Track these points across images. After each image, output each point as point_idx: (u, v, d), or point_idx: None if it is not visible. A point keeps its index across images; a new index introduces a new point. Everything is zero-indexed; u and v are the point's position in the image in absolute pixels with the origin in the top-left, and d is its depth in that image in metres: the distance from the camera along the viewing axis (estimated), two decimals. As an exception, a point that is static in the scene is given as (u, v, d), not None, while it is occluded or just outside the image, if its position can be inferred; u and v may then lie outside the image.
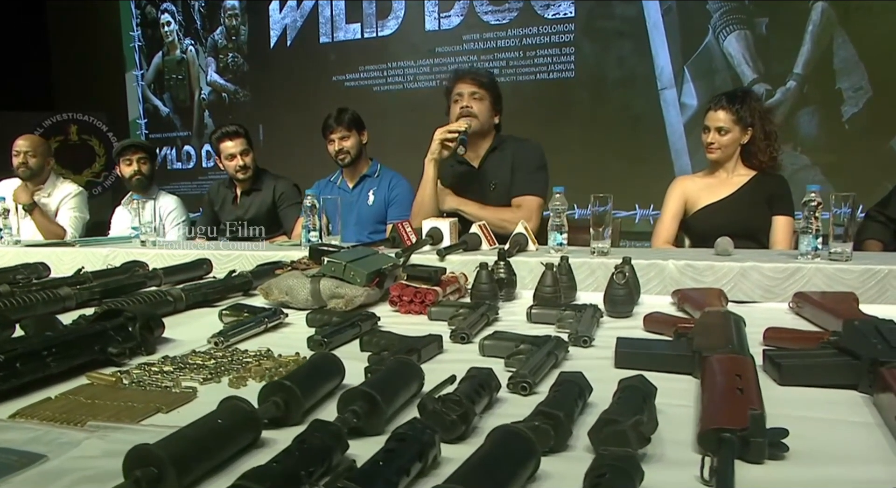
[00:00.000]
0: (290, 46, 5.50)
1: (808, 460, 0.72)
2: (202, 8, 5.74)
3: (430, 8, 5.01)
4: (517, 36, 4.79)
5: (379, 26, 5.19)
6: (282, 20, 5.49)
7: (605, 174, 4.45)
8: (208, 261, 1.94)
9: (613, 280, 1.36)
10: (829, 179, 3.97)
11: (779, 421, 0.82)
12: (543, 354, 1.00)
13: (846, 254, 1.66)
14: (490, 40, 4.87)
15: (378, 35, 5.21)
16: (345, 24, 5.30)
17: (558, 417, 0.73)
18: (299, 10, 5.41)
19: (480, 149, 2.56)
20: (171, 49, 5.89)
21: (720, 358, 0.92)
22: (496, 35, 4.85)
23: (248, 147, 3.18)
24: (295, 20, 5.45)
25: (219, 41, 5.70)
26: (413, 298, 1.44)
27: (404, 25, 5.12)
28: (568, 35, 4.65)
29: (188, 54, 5.81)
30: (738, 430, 0.70)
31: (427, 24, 5.05)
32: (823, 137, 4.02)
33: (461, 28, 4.94)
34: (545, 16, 4.68)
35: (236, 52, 5.66)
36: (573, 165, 4.48)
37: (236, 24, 5.62)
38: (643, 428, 0.70)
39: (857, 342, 0.96)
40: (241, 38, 5.63)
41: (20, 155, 3.42)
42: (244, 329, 1.25)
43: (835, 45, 3.96)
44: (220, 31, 5.69)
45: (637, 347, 1.03)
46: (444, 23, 5.00)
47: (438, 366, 1.05)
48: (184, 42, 5.83)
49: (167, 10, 5.86)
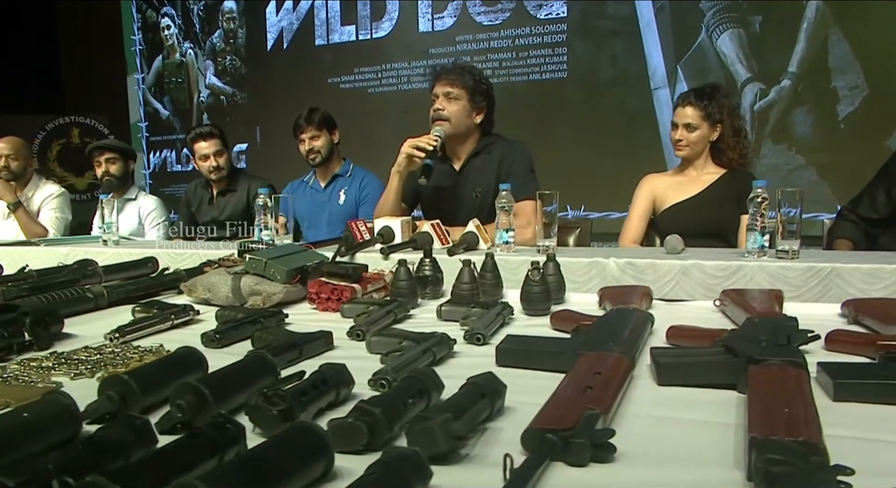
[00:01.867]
0: (287, 49, 5.52)
1: (640, 462, 0.67)
2: (201, 11, 5.78)
3: (423, 9, 4.99)
4: (510, 36, 4.75)
5: (373, 28, 5.19)
6: (278, 23, 5.50)
7: (597, 174, 4.39)
8: (154, 260, 1.92)
9: (529, 278, 1.31)
10: (823, 179, 3.89)
11: (638, 421, 0.79)
12: (419, 351, 0.97)
13: (793, 251, 1.60)
14: (483, 41, 4.84)
15: (372, 37, 5.20)
16: (340, 26, 5.30)
17: (374, 414, 0.69)
18: (295, 12, 5.42)
19: (462, 152, 2.42)
20: (171, 52, 5.94)
21: (588, 355, 0.88)
22: (489, 36, 4.81)
23: (223, 148, 3.18)
24: (291, 22, 5.46)
25: (217, 44, 5.74)
26: (330, 295, 1.41)
27: (398, 27, 5.11)
28: (560, 35, 4.60)
29: (187, 57, 5.85)
30: (560, 431, 0.66)
31: (421, 25, 5.03)
32: (818, 137, 3.93)
33: (454, 29, 4.91)
34: (538, 16, 4.64)
35: (234, 55, 5.69)
36: (566, 165, 4.42)
37: (234, 26, 5.65)
38: (454, 426, 0.65)
39: (744, 340, 0.91)
40: (238, 41, 5.66)
41: (1, 158, 3.44)
42: (145, 325, 1.23)
43: (830, 43, 3.86)
44: (219, 34, 5.72)
45: (518, 344, 0.99)
46: (438, 24, 4.98)
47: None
48: (183, 45, 5.88)
49: (167, 13, 5.91)
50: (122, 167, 3.41)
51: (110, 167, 3.38)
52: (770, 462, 0.57)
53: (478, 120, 2.40)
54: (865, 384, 0.81)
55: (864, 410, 0.80)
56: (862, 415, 0.79)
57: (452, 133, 2.33)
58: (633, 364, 0.91)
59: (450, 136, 2.33)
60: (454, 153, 2.41)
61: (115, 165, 3.39)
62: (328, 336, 1.11)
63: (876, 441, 0.72)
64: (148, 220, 3.36)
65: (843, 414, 0.79)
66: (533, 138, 4.57)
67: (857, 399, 0.81)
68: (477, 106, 2.38)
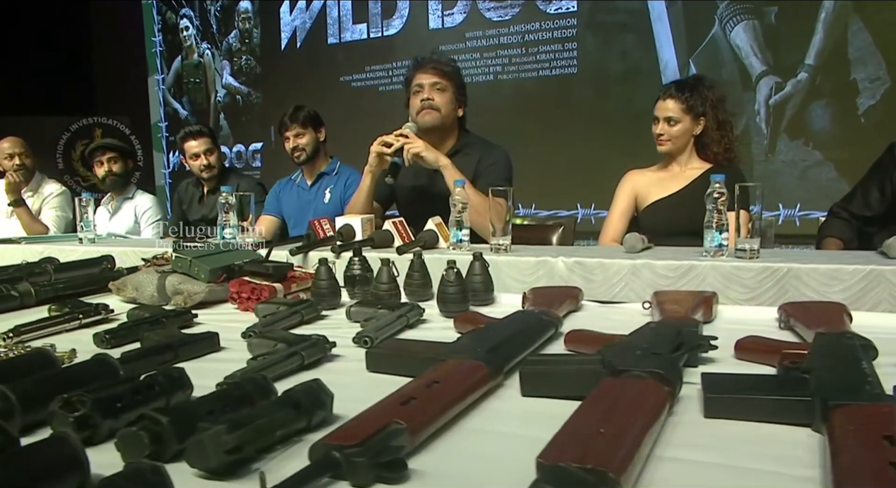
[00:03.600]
0: (300, 48, 5.53)
1: (434, 483, 0.61)
2: (218, 12, 5.83)
3: (433, 6, 4.94)
4: (519, 32, 4.67)
5: (384, 26, 5.16)
6: (292, 22, 5.52)
7: (607, 170, 4.24)
8: (109, 258, 1.91)
9: (444, 278, 1.24)
10: (842, 176, 3.69)
11: (462, 438, 0.71)
12: (284, 356, 0.91)
13: (753, 251, 1.49)
14: (492, 37, 4.76)
15: (383, 34, 5.17)
16: (351, 25, 5.29)
17: (161, 423, 0.64)
18: (308, 11, 5.43)
19: (442, 149, 2.30)
20: (189, 53, 6.01)
21: (447, 362, 0.81)
22: (498, 32, 4.74)
23: (213, 146, 3.18)
24: (304, 22, 5.47)
25: (233, 44, 5.78)
26: (250, 295, 1.36)
27: (409, 24, 5.07)
28: (570, 30, 4.49)
29: (205, 58, 5.92)
30: (346, 447, 0.60)
31: (431, 22, 4.98)
32: (837, 131, 3.74)
33: (464, 25, 4.85)
34: (547, 11, 4.54)
35: (249, 55, 5.72)
36: (575, 161, 4.32)
37: (249, 27, 5.69)
38: (225, 439, 0.60)
39: (624, 348, 0.83)
40: (253, 41, 5.69)
41: (15, 156, 3.51)
42: (46, 325, 1.20)
43: (849, 34, 3.67)
44: (235, 34, 5.77)
45: (388, 349, 0.93)
46: (448, 20, 4.92)
47: (208, 366, 0.98)
48: (201, 46, 5.94)
49: (186, 15, 5.99)
50: (122, 166, 3.45)
51: (112, 166, 3.42)
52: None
53: (460, 113, 2.35)
54: (738, 399, 0.72)
55: (735, 429, 0.71)
56: (728, 435, 0.69)
57: (440, 124, 2.27)
58: (498, 373, 0.84)
59: (437, 128, 2.27)
60: (435, 148, 2.35)
61: (117, 164, 3.43)
62: (213, 337, 1.06)
63: (726, 467, 0.63)
64: (144, 219, 3.38)
65: (709, 433, 0.70)
66: (542, 134, 4.53)
67: (728, 416, 0.73)
68: (460, 99, 2.33)
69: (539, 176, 4.50)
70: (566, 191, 4.42)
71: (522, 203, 4.69)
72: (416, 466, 0.64)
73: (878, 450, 0.54)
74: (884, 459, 0.52)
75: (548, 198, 4.52)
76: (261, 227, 2.76)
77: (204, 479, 0.62)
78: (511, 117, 4.70)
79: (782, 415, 0.70)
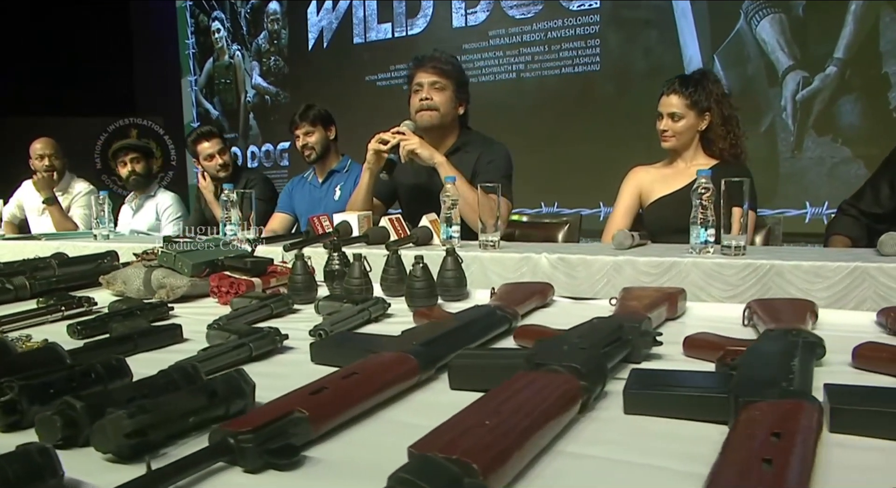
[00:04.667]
0: (327, 48, 5.60)
1: (327, 473, 0.61)
2: (248, 14, 5.94)
3: (456, 5, 4.95)
4: (542, 29, 4.65)
5: (408, 25, 5.19)
6: (319, 22, 5.59)
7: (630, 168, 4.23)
8: (113, 253, 1.96)
9: (411, 273, 1.25)
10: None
11: (383, 427, 0.72)
12: (230, 347, 0.93)
13: (739, 248, 1.46)
14: (515, 35, 4.75)
15: (408, 34, 5.20)
16: (376, 25, 5.33)
17: (75, 408, 0.66)
18: (335, 11, 5.49)
19: (442, 147, 2.34)
20: (220, 55, 6.14)
21: (379, 355, 0.82)
22: (521, 29, 4.72)
23: (224, 146, 3.26)
24: (331, 22, 5.53)
25: (262, 45, 5.88)
26: (229, 289, 1.39)
27: (432, 23, 5.09)
28: (593, 27, 4.46)
29: (235, 59, 6.03)
30: (240, 433, 0.61)
31: (454, 21, 5.00)
32: (867, 127, 3.63)
33: (487, 23, 4.85)
34: (570, 7, 4.52)
35: (278, 56, 5.82)
36: (597, 159, 4.28)
37: (277, 28, 5.78)
38: (125, 423, 0.62)
39: (556, 343, 0.82)
40: (281, 42, 5.78)
41: (45, 158, 3.65)
42: (23, 317, 1.24)
43: (881, 25, 3.56)
44: (264, 35, 5.87)
45: (331, 342, 0.94)
46: (471, 19, 4.92)
47: (166, 357, 1.00)
48: (231, 48, 6.06)
49: (217, 17, 6.12)
50: (145, 166, 3.55)
51: (135, 166, 3.53)
52: (397, 480, 0.50)
53: (460, 111, 2.36)
54: (656, 396, 0.71)
55: (654, 426, 0.70)
56: (643, 432, 0.68)
57: (439, 123, 2.29)
58: (430, 367, 0.84)
59: (435, 127, 2.29)
60: (434, 147, 2.35)
61: (140, 164, 3.54)
62: (175, 329, 1.09)
63: (626, 463, 0.61)
64: (165, 216, 3.47)
65: (625, 429, 0.69)
66: (564, 131, 4.49)
67: (649, 412, 0.71)
68: (460, 97, 2.34)
69: (561, 174, 4.47)
70: (589, 188, 4.38)
71: (545, 201, 4.66)
72: (316, 454, 0.65)
73: (758, 447, 0.52)
74: (758, 456, 0.50)
75: (570, 196, 4.49)
76: (273, 224, 2.83)
77: (111, 463, 0.64)
78: (534, 115, 4.68)
79: (700, 412, 0.69)
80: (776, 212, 3.91)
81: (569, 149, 4.45)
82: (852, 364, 0.86)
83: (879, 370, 0.83)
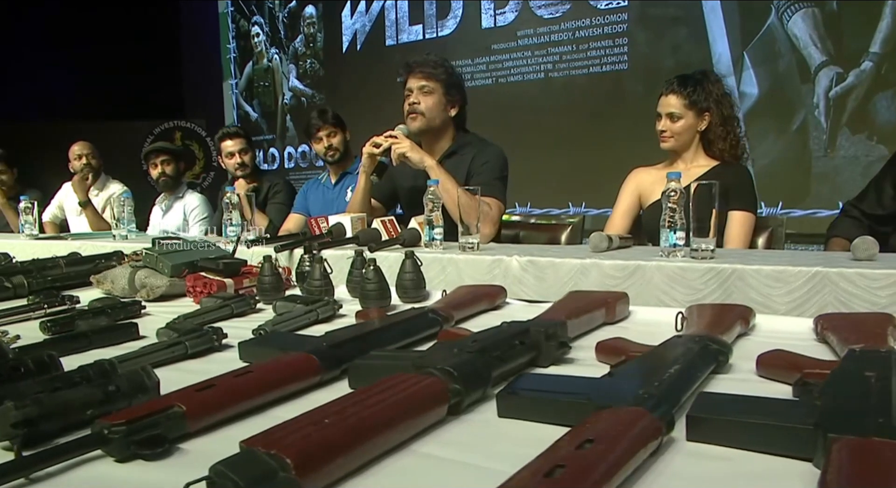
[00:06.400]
0: (360, 50, 5.68)
1: (195, 459, 0.66)
2: (285, 18, 6.09)
3: (486, 6, 4.96)
4: (570, 29, 4.62)
5: (439, 26, 5.23)
6: (352, 25, 5.68)
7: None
8: (119, 254, 2.06)
9: (363, 275, 1.29)
10: (908, 173, 3.44)
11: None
12: (166, 345, 0.99)
13: (708, 251, 1.45)
14: (543, 35, 4.73)
15: (438, 35, 5.24)
16: (408, 26, 5.39)
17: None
18: (368, 14, 5.58)
19: (438, 149, 2.37)
20: (259, 58, 6.30)
21: (276, 357, 0.86)
22: (549, 29, 4.70)
23: (247, 147, 3.35)
24: (364, 25, 5.62)
25: (299, 48, 6.02)
26: (203, 289, 1.46)
27: (462, 24, 5.11)
28: (621, 25, 4.41)
29: (273, 62, 6.19)
30: (115, 424, 0.66)
31: (483, 21, 5.01)
32: (904, 124, 3.49)
33: (516, 23, 4.85)
34: (598, 6, 4.47)
35: (313, 58, 5.94)
36: (624, 159, 4.17)
37: (313, 31, 5.90)
38: (13, 414, 0.67)
39: (452, 345, 0.85)
40: (317, 45, 5.90)
41: (82, 157, 3.84)
42: (11, 313, 1.33)
43: (921, 18, 3.42)
44: (300, 38, 6.00)
45: (256, 341, 0.98)
46: (500, 19, 4.93)
47: (116, 353, 1.07)
48: (270, 51, 6.22)
49: (257, 22, 6.28)
50: (175, 168, 3.70)
51: (166, 168, 3.67)
52: (215, 472, 0.54)
53: (452, 113, 2.37)
54: (526, 400, 0.73)
55: (521, 431, 0.70)
56: (506, 436, 0.69)
57: (426, 127, 2.31)
58: (333, 367, 0.87)
59: (425, 131, 2.32)
60: (429, 150, 2.38)
61: (170, 166, 3.68)
62: (131, 327, 1.16)
63: (468, 465, 0.64)
64: (191, 217, 3.61)
65: (490, 433, 0.70)
66: (591, 131, 4.46)
67: (519, 416, 0.73)
68: (451, 99, 2.34)
69: (589, 174, 4.44)
70: (618, 188, 4.33)
71: (572, 202, 4.64)
72: (190, 447, 0.69)
73: (557, 451, 0.54)
74: (551, 461, 0.52)
75: (598, 197, 4.44)
76: (289, 225, 2.91)
77: (6, 451, 0.70)
78: (562, 115, 4.65)
79: (563, 418, 0.70)
80: (808, 212, 3.80)
81: (597, 149, 4.41)
82: (756, 372, 0.86)
83: (779, 378, 0.83)
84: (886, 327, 0.93)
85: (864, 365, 0.74)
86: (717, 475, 0.60)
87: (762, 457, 0.61)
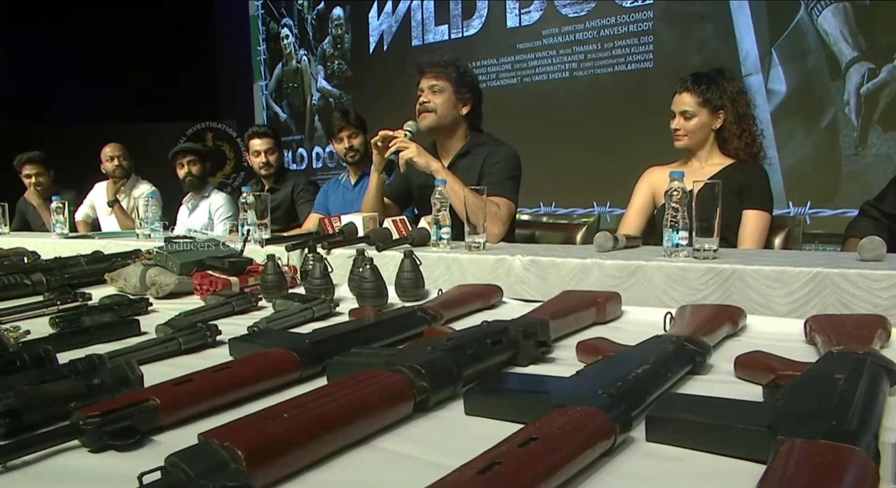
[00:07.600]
0: (387, 51, 5.72)
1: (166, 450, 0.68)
2: (314, 20, 6.16)
3: (510, 5, 4.96)
4: (595, 27, 4.59)
5: (464, 26, 5.24)
6: (379, 26, 5.73)
7: (683, 166, 4.12)
8: (138, 252, 2.12)
9: (360, 273, 1.31)
10: (943, 173, 3.34)
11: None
12: (159, 341, 1.02)
13: (710, 251, 1.43)
14: (568, 34, 4.71)
15: (463, 35, 5.25)
16: (434, 27, 5.41)
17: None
18: (394, 15, 5.61)
19: (451, 148, 2.39)
20: (288, 60, 6.40)
21: (256, 353, 0.88)
22: (574, 28, 4.68)
23: (274, 147, 3.41)
24: (390, 25, 5.66)
25: (327, 50, 6.09)
26: (209, 287, 1.49)
27: (487, 24, 5.12)
28: (646, 23, 4.37)
29: (302, 64, 6.27)
30: (91, 416, 0.69)
31: (508, 21, 5.01)
32: (939, 122, 3.40)
33: (540, 23, 4.83)
34: (623, 4, 4.44)
35: (341, 59, 6.00)
36: (649, 158, 4.14)
37: (341, 32, 5.96)
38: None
39: (426, 343, 0.86)
40: (345, 46, 5.97)
41: (114, 158, 3.96)
42: (27, 309, 1.39)
43: (956, 12, 3.32)
44: (328, 40, 6.07)
45: (247, 338, 1.00)
46: (525, 19, 4.92)
47: (114, 349, 1.11)
48: (298, 53, 6.30)
49: (286, 24, 6.38)
50: (201, 168, 3.78)
51: (192, 168, 3.76)
52: (170, 462, 0.56)
53: (464, 111, 2.38)
54: (490, 398, 0.73)
55: (487, 429, 0.70)
56: (471, 434, 0.69)
57: (436, 125, 2.33)
58: (314, 364, 0.89)
59: (435, 129, 2.34)
60: (443, 149, 2.40)
61: (196, 166, 3.76)
62: (132, 324, 1.19)
63: (427, 462, 0.64)
64: (217, 216, 3.68)
65: (456, 430, 0.71)
66: (616, 130, 4.43)
67: (485, 415, 0.74)
68: (462, 97, 2.35)
69: (613, 173, 4.40)
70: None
71: (597, 201, 4.61)
72: (163, 439, 0.72)
73: (499, 449, 0.55)
74: (489, 458, 0.53)
75: (622, 196, 4.40)
76: (309, 224, 2.95)
77: (-8, 440, 0.73)
78: (587, 114, 4.63)
79: (524, 416, 0.69)
80: (837, 212, 3.71)
81: (622, 148, 4.37)
82: (735, 373, 0.85)
83: (755, 380, 0.82)
84: (875, 329, 0.91)
85: (837, 367, 0.72)
86: (666, 475, 0.60)
87: (712, 458, 0.61)
